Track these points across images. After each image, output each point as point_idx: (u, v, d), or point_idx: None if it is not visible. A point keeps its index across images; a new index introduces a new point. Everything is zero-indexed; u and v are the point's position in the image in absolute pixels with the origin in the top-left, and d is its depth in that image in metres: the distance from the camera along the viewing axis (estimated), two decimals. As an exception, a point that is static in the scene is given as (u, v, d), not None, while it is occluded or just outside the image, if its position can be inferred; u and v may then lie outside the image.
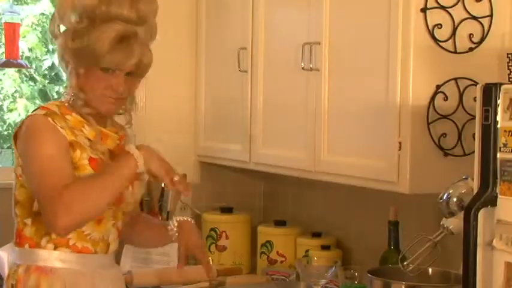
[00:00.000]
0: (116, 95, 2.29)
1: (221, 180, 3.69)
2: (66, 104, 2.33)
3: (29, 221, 2.30)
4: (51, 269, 2.30)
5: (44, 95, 4.82)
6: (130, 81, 2.31)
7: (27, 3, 4.55)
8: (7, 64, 3.65)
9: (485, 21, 2.52)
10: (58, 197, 2.13)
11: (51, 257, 2.31)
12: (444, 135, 2.49)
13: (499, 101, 1.91)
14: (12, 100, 4.70)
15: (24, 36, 4.52)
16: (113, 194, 2.22)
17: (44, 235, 2.30)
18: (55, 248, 2.30)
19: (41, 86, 4.80)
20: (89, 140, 2.30)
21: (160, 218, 3.42)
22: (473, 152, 2.00)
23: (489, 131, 1.93)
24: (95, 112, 2.33)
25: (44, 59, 4.68)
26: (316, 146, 2.84)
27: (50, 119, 2.25)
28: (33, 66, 4.67)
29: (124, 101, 2.35)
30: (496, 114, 1.92)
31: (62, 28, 2.35)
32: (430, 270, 2.51)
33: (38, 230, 2.30)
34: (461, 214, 2.08)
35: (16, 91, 4.68)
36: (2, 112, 4.69)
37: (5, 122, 4.70)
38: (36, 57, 4.66)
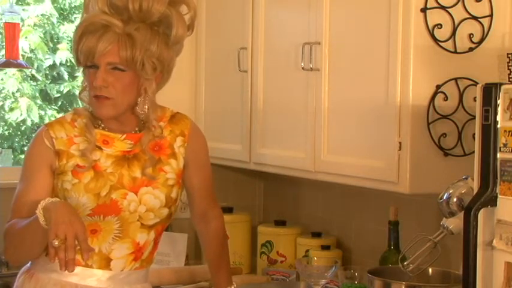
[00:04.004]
0: (98, 92, 2.24)
1: (221, 180, 3.69)
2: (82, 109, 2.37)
3: None
4: (34, 275, 2.32)
5: (45, 94, 4.82)
6: (117, 77, 2.24)
7: (28, 4, 4.55)
8: (7, 64, 3.64)
9: (485, 21, 2.52)
10: (4, 232, 2.28)
11: (39, 262, 2.31)
12: (444, 135, 2.49)
13: (499, 101, 1.91)
14: (13, 100, 4.70)
15: (26, 37, 4.52)
16: (33, 243, 2.21)
17: None
18: (46, 254, 2.27)
19: (42, 85, 4.81)
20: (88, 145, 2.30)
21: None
22: (473, 152, 2.00)
23: (489, 131, 1.93)
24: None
25: (46, 58, 4.69)
26: (316, 146, 2.84)
27: (46, 130, 2.31)
28: (35, 66, 4.67)
29: (117, 102, 2.26)
30: (496, 114, 1.92)
31: None
32: (430, 270, 2.52)
33: None
34: (461, 214, 2.08)
35: (18, 90, 4.68)
36: (3, 112, 4.69)
37: (6, 122, 4.70)
38: (37, 57, 4.67)
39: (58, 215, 2.08)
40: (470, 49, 2.51)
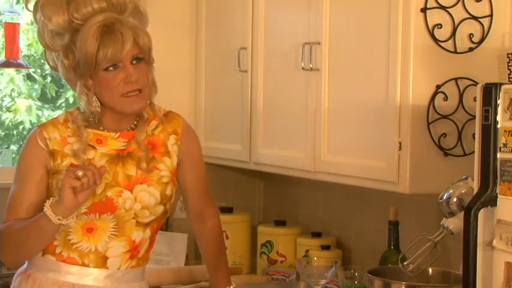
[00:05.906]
0: (132, 87, 2.25)
1: (221, 180, 3.69)
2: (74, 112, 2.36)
3: None
4: (31, 275, 2.32)
5: (43, 94, 4.82)
6: (140, 69, 2.27)
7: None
8: (7, 64, 3.65)
9: (485, 21, 2.52)
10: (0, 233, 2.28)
11: (35, 263, 2.32)
12: (444, 135, 2.49)
13: (499, 101, 1.91)
14: (11, 100, 4.69)
15: (26, 34, 4.52)
16: (36, 243, 2.25)
17: None
18: (43, 254, 2.30)
19: (41, 86, 4.80)
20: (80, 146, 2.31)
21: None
22: (473, 152, 2.00)
23: (489, 131, 1.93)
24: (96, 119, 2.32)
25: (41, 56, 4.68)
26: (316, 146, 2.84)
27: (39, 131, 2.32)
28: (32, 65, 4.67)
29: (146, 93, 2.30)
30: (496, 114, 1.92)
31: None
32: (430, 270, 2.52)
33: None
34: (461, 214, 2.08)
35: (13, 90, 4.68)
36: (0, 112, 4.69)
37: (3, 123, 4.70)
38: (36, 57, 4.66)
39: (64, 198, 2.15)
40: (470, 49, 2.51)
